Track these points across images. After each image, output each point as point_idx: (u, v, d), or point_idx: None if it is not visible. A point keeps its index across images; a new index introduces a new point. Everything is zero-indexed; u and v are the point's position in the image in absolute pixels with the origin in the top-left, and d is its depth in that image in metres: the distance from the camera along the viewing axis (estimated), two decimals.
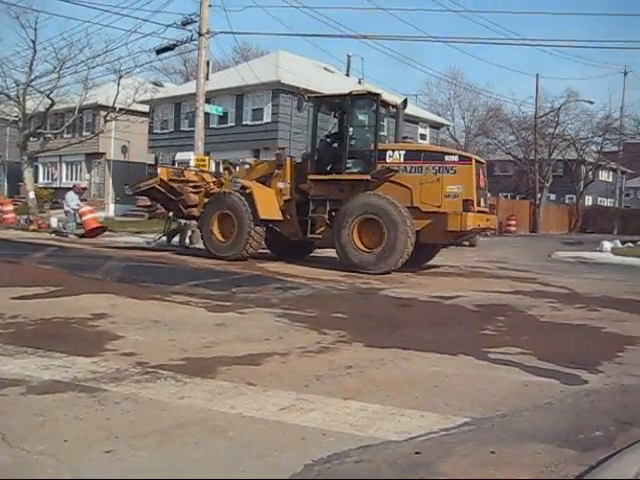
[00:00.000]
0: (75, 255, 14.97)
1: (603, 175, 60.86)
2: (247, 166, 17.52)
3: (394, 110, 15.32)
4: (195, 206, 16.38)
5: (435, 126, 40.24)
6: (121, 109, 30.15)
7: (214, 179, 17.11)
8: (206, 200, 16.03)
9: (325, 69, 37.75)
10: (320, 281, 11.93)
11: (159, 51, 23.96)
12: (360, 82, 38.19)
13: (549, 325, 8.50)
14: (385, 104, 15.05)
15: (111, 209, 39.43)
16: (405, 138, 16.76)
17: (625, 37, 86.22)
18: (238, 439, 3.93)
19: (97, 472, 3.37)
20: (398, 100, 16.23)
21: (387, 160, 14.05)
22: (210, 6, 21.54)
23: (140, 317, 7.61)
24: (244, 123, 32.71)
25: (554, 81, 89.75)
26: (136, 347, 6.07)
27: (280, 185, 15.20)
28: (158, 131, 37.52)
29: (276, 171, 15.34)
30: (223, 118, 31.52)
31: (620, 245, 26.79)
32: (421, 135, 38.09)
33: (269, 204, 14.89)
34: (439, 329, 7.90)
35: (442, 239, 14.32)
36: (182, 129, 34.79)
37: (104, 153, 40.10)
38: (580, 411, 4.75)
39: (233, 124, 33.00)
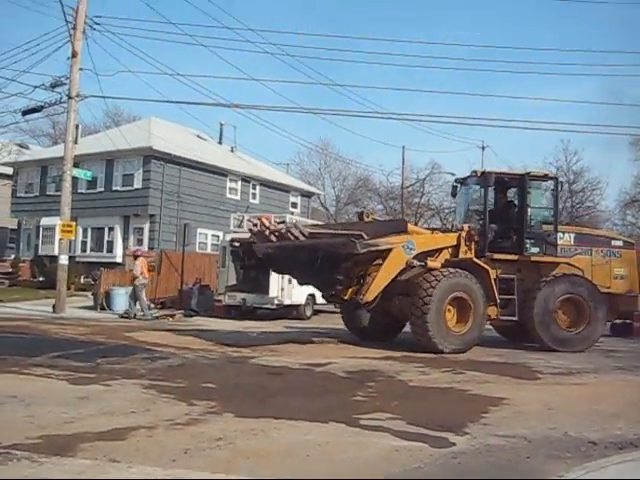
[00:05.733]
0: None
1: None
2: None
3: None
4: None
5: (306, 195, 41.04)
6: None
7: None
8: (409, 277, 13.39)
9: (198, 136, 37.86)
10: (190, 350, 11.65)
11: (25, 112, 23.13)
12: (233, 150, 38.55)
13: (418, 389, 8.68)
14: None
15: None
16: None
17: (481, 114, 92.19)
18: None
19: None
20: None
21: (558, 242, 14.46)
22: (81, 69, 21.14)
23: None
24: (114, 189, 32.01)
25: (419, 153, 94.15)
26: None
27: None
28: (22, 195, 36.03)
29: (466, 245, 13.85)
30: (92, 183, 30.79)
31: None
32: (292, 204, 38.67)
33: None
34: (310, 397, 7.86)
35: (611, 317, 15.54)
36: (48, 193, 33.51)
37: None
38: (448, 473, 4.83)
39: (102, 189, 32.24)
